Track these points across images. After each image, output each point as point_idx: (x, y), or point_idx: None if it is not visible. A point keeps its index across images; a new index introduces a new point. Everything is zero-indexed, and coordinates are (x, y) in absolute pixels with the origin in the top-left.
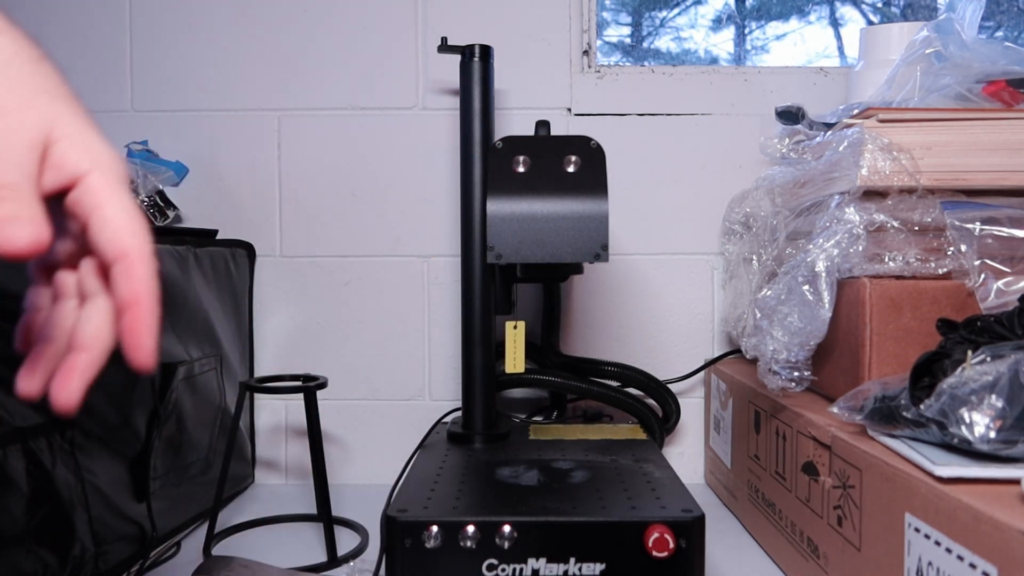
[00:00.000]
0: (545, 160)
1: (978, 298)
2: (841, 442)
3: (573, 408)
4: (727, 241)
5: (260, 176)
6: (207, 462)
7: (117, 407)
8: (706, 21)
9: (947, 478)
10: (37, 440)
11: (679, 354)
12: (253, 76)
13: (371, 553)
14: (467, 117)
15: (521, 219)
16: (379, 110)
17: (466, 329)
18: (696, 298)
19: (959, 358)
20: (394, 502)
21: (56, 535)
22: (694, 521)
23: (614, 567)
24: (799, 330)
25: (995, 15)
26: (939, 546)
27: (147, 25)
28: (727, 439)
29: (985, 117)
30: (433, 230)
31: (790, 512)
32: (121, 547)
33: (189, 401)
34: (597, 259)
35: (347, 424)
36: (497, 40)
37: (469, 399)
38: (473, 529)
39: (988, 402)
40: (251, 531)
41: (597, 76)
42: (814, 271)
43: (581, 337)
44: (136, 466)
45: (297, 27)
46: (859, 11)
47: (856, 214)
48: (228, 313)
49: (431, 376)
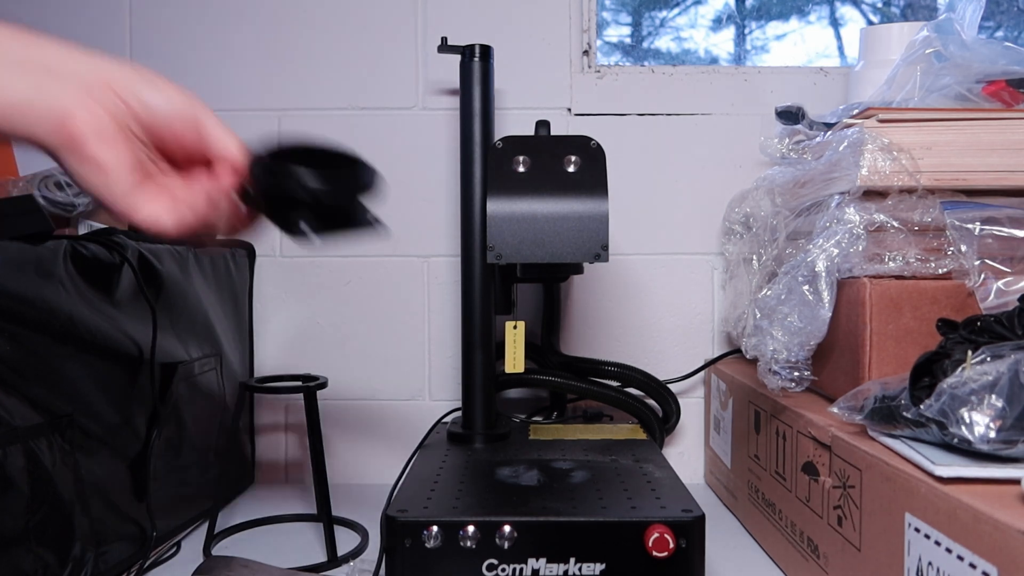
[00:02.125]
0: (545, 160)
1: (978, 298)
2: (841, 442)
3: (573, 408)
4: (727, 241)
5: None
6: (207, 462)
7: (117, 407)
8: (706, 21)
9: (947, 478)
10: (37, 440)
11: (679, 354)
12: (253, 76)
13: (371, 553)
14: (467, 117)
15: (521, 219)
16: (379, 110)
17: (466, 329)
18: (696, 298)
19: (959, 358)
20: (394, 502)
21: (56, 535)
22: (694, 521)
23: (614, 567)
24: (799, 330)
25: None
26: (939, 546)
27: (147, 25)
28: (727, 439)
29: (985, 117)
30: (433, 230)
31: (790, 512)
32: (121, 547)
33: (189, 401)
34: (597, 259)
35: (347, 424)
36: (497, 40)
37: (469, 399)
38: (473, 529)
39: (988, 402)
40: (251, 531)
41: (597, 76)
42: (814, 271)
43: (581, 337)
44: (136, 466)
45: (297, 27)
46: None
47: (856, 214)
48: (228, 313)
49: (431, 376)
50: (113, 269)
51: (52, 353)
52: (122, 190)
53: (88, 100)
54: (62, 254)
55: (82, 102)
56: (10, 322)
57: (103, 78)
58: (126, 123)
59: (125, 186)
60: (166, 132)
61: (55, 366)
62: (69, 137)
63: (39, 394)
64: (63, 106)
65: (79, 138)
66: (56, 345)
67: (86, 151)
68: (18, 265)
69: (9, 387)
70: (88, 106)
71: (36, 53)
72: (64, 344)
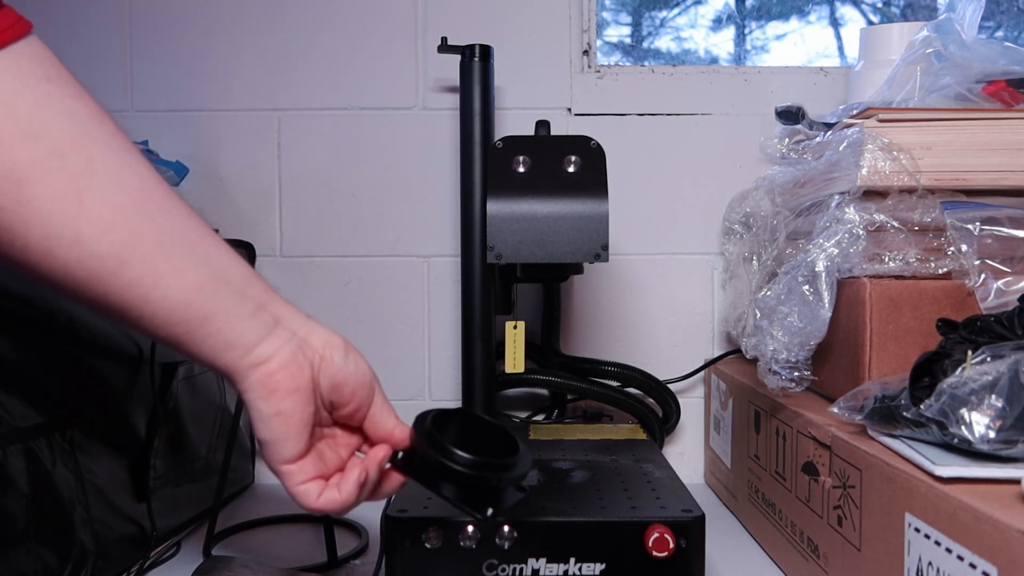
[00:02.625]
0: (545, 160)
1: (978, 298)
2: (841, 442)
3: (573, 408)
4: (727, 241)
5: (260, 176)
6: (207, 462)
7: (117, 407)
8: (706, 21)
9: (947, 478)
10: (37, 440)
11: (679, 354)
12: (253, 76)
13: (371, 553)
14: (467, 117)
15: (521, 219)
16: (379, 110)
17: (466, 329)
18: (696, 298)
19: (959, 358)
20: (394, 502)
21: (56, 535)
22: (694, 521)
23: (614, 567)
24: (799, 330)
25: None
26: (939, 546)
27: (147, 25)
28: (727, 439)
29: (985, 117)
30: (433, 230)
31: (790, 512)
32: (121, 547)
33: (189, 401)
34: (597, 259)
35: None
36: (497, 40)
37: (469, 399)
38: (473, 529)
39: (988, 402)
40: (251, 531)
41: (597, 76)
42: (814, 271)
43: (581, 337)
44: (136, 466)
45: (297, 27)
46: (859, 11)
47: (856, 214)
48: None
49: (431, 376)
50: None
51: (52, 353)
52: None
53: (299, 354)
54: None
55: (292, 355)
56: (10, 322)
57: (313, 336)
58: (318, 380)
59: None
60: (346, 395)
61: (55, 366)
62: (271, 383)
63: (39, 394)
64: (280, 355)
65: (278, 387)
66: (56, 345)
67: (278, 400)
68: None
69: (9, 387)
70: (298, 360)
71: (270, 299)
72: (64, 344)
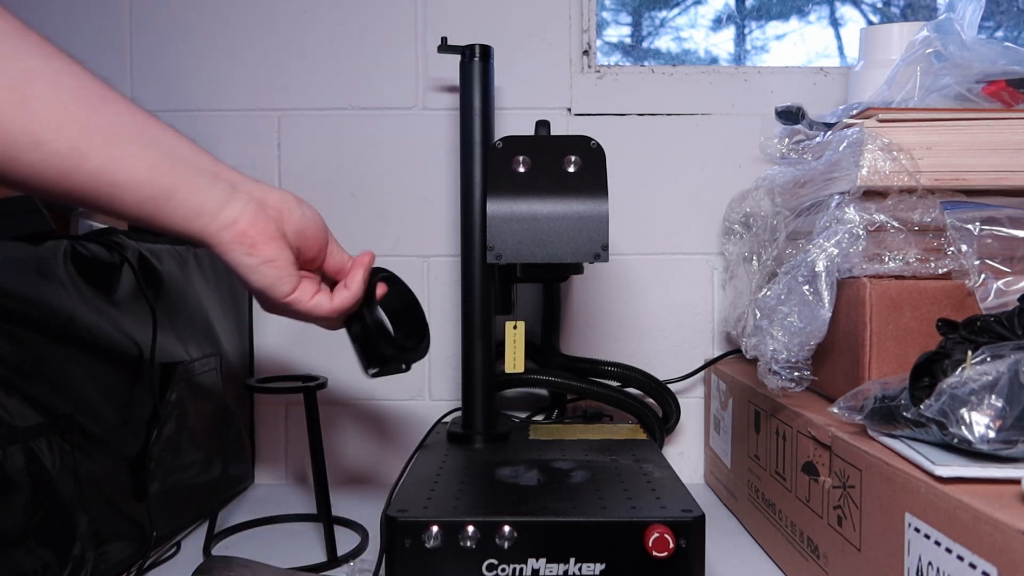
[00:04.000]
0: (545, 160)
1: (978, 298)
2: (841, 442)
3: (573, 408)
4: (727, 241)
5: (260, 176)
6: (207, 462)
7: (117, 407)
8: (706, 21)
9: (947, 478)
10: (37, 440)
11: (679, 354)
12: (253, 76)
13: (371, 553)
14: (467, 117)
15: (521, 219)
16: (379, 110)
17: (466, 329)
18: (696, 298)
19: (959, 358)
20: (394, 502)
21: (56, 535)
22: (694, 521)
23: (614, 567)
24: (799, 330)
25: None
26: (939, 546)
27: (147, 25)
28: (727, 439)
29: (985, 117)
30: (433, 230)
31: (790, 512)
32: (121, 547)
33: (189, 401)
34: (597, 259)
35: (347, 424)
36: (497, 40)
37: (469, 399)
38: (473, 529)
39: (988, 402)
40: (251, 531)
41: (597, 76)
42: (814, 271)
43: (581, 337)
44: (136, 466)
45: (297, 27)
46: (859, 11)
47: (856, 214)
48: (228, 313)
49: (431, 376)
50: (113, 269)
51: (52, 353)
52: (291, 284)
53: (262, 212)
54: (62, 254)
55: (256, 213)
56: (10, 322)
57: (268, 196)
58: (284, 231)
59: (293, 280)
60: (310, 239)
61: (55, 366)
62: (247, 239)
63: (39, 394)
64: (245, 215)
65: (256, 240)
66: (56, 345)
67: (260, 250)
68: (18, 265)
69: (9, 387)
70: (262, 217)
71: (222, 170)
72: (64, 344)
